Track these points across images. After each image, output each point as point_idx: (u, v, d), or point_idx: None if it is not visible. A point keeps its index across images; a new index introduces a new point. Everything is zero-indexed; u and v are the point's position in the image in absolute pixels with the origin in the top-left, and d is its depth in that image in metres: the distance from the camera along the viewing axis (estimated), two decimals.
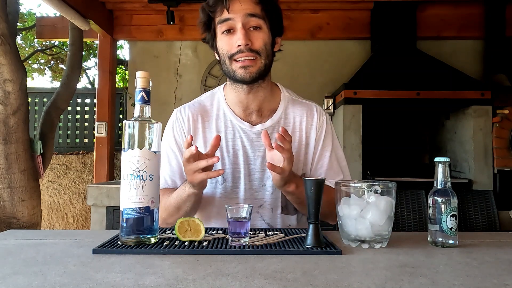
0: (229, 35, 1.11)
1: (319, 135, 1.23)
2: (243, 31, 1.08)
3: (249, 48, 1.08)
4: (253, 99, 1.18)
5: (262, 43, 1.10)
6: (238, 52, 1.09)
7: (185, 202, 1.10)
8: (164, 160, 1.21)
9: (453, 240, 0.94)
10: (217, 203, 1.19)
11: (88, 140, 5.03)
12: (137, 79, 0.92)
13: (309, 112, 1.24)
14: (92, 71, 8.24)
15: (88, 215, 4.54)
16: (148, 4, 3.83)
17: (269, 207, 1.20)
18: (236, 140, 1.20)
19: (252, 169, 1.19)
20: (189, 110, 1.24)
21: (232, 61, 1.11)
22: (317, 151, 1.22)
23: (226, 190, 1.19)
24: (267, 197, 1.20)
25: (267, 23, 1.12)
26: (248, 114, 1.21)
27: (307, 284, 0.66)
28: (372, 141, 3.48)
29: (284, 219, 1.22)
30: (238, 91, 1.17)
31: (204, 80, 4.16)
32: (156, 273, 0.72)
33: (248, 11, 1.09)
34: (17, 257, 0.83)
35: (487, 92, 3.23)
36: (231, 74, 1.13)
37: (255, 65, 1.10)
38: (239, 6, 1.09)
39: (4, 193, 2.63)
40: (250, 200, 1.18)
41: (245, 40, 1.07)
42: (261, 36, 1.11)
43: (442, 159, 0.97)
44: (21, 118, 2.64)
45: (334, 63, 4.08)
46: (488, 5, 3.80)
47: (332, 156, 1.23)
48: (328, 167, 1.22)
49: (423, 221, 2.78)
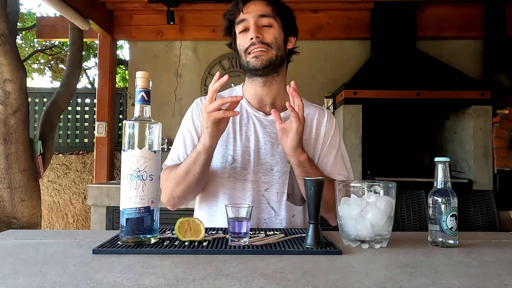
0: (245, 33, 1.23)
1: (328, 133, 1.30)
2: (255, 26, 1.20)
3: (260, 40, 1.19)
4: (268, 92, 1.27)
5: (272, 37, 1.21)
6: (251, 45, 1.20)
7: (195, 163, 1.13)
8: (179, 139, 1.29)
9: (453, 240, 0.94)
10: (225, 183, 1.23)
11: (88, 140, 5.03)
12: (137, 79, 0.92)
13: (320, 112, 1.33)
14: (92, 71, 8.24)
15: (88, 215, 4.54)
16: (148, 4, 3.83)
17: (275, 191, 1.23)
18: (249, 126, 1.27)
19: (262, 153, 1.25)
20: None
21: (247, 54, 1.22)
22: (324, 147, 1.28)
23: (235, 170, 1.23)
24: (274, 181, 1.23)
25: (278, 22, 1.23)
26: (263, 105, 1.29)
27: (307, 284, 0.66)
28: (372, 141, 3.48)
29: (289, 207, 1.24)
30: (254, 84, 1.27)
31: (204, 80, 4.16)
32: (156, 273, 0.72)
33: (260, 12, 1.21)
34: (17, 257, 0.83)
35: (487, 92, 3.23)
36: (246, 66, 1.24)
37: (266, 54, 1.20)
38: (253, 7, 1.22)
39: (4, 193, 2.63)
40: (257, 183, 1.23)
41: (256, 33, 1.19)
42: (271, 31, 1.22)
43: (442, 159, 0.97)
44: (21, 118, 2.64)
45: (334, 63, 4.08)
46: (488, 5, 3.80)
47: (338, 154, 1.29)
48: (334, 162, 1.27)
49: (423, 221, 2.78)
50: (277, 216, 1.23)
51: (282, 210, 1.23)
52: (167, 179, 1.20)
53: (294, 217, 1.25)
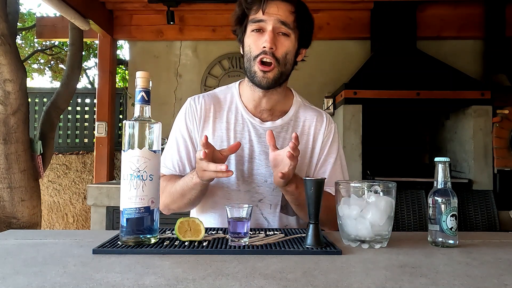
0: (258, 34, 1.14)
1: (325, 141, 1.25)
2: (272, 34, 1.11)
3: (272, 52, 1.12)
4: (267, 100, 1.22)
5: (284, 51, 1.14)
6: (261, 53, 1.12)
7: (191, 190, 1.11)
8: (172, 146, 1.24)
9: (453, 240, 0.94)
10: (219, 192, 1.21)
11: (88, 140, 5.03)
12: (137, 79, 0.92)
13: (319, 118, 1.27)
14: (92, 71, 8.24)
15: (88, 215, 4.54)
16: (148, 4, 3.83)
17: (269, 203, 1.21)
18: (244, 133, 1.22)
19: (256, 163, 1.21)
20: (203, 98, 1.26)
21: (256, 62, 1.14)
22: (322, 156, 1.24)
23: (229, 180, 1.20)
24: (267, 193, 1.21)
25: (296, 34, 1.16)
26: (259, 111, 1.24)
27: (307, 284, 0.66)
28: (372, 141, 3.48)
29: (283, 218, 1.22)
30: (254, 91, 1.21)
31: (204, 80, 4.16)
32: (156, 273, 0.72)
33: (281, 18, 1.12)
34: (17, 257, 0.83)
35: (487, 92, 3.23)
36: (252, 74, 1.16)
37: (272, 71, 1.13)
38: (275, 10, 1.12)
39: (4, 193, 2.63)
40: (250, 194, 1.20)
41: (271, 44, 1.11)
42: (286, 44, 1.14)
43: (442, 159, 0.97)
44: (21, 118, 2.64)
45: (334, 63, 4.07)
46: (488, 5, 3.80)
47: (336, 164, 1.25)
48: (331, 173, 1.23)
49: (423, 221, 2.78)
50: (269, 226, 1.21)
51: (276, 221, 1.22)
52: (162, 190, 1.15)
53: (287, 227, 1.22)
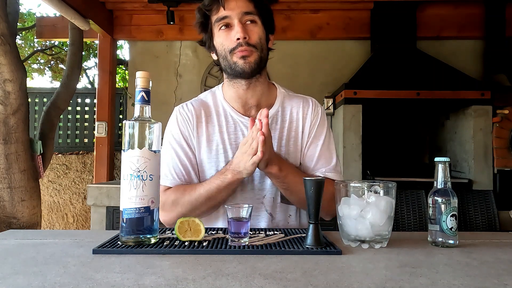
0: (227, 30, 1.16)
1: (313, 124, 1.26)
2: (240, 25, 1.14)
3: (246, 42, 1.14)
4: (252, 94, 1.22)
5: (257, 37, 1.16)
6: (237, 46, 1.14)
7: (222, 191, 1.12)
8: (172, 156, 1.22)
9: (453, 240, 0.94)
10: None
11: (88, 140, 5.03)
12: (137, 79, 0.92)
13: (305, 103, 1.28)
14: (92, 71, 8.24)
15: (88, 215, 4.54)
16: (148, 4, 3.83)
17: (271, 197, 1.22)
18: (237, 133, 1.23)
19: None
20: (192, 105, 1.26)
21: (232, 54, 1.15)
22: (309, 139, 1.25)
23: None
24: (268, 186, 1.22)
25: (260, 19, 1.18)
26: (247, 109, 1.24)
27: (307, 284, 0.66)
28: (372, 141, 3.48)
29: (284, 208, 1.23)
30: (237, 87, 1.21)
31: (204, 80, 4.16)
32: (156, 273, 0.72)
33: (243, 9, 1.15)
34: (17, 257, 0.83)
35: (487, 92, 3.23)
36: (232, 67, 1.16)
37: (252, 55, 1.15)
38: (234, 4, 1.15)
39: (4, 193, 2.63)
40: (253, 191, 1.21)
41: (243, 33, 1.13)
42: (256, 30, 1.17)
43: (442, 159, 0.97)
44: (21, 118, 2.64)
45: (334, 63, 4.07)
46: (488, 5, 3.79)
47: (324, 145, 1.25)
48: (319, 153, 1.23)
49: (423, 221, 2.78)
50: (274, 220, 1.22)
51: (278, 213, 1.22)
52: (174, 203, 1.15)
53: (290, 217, 1.24)
